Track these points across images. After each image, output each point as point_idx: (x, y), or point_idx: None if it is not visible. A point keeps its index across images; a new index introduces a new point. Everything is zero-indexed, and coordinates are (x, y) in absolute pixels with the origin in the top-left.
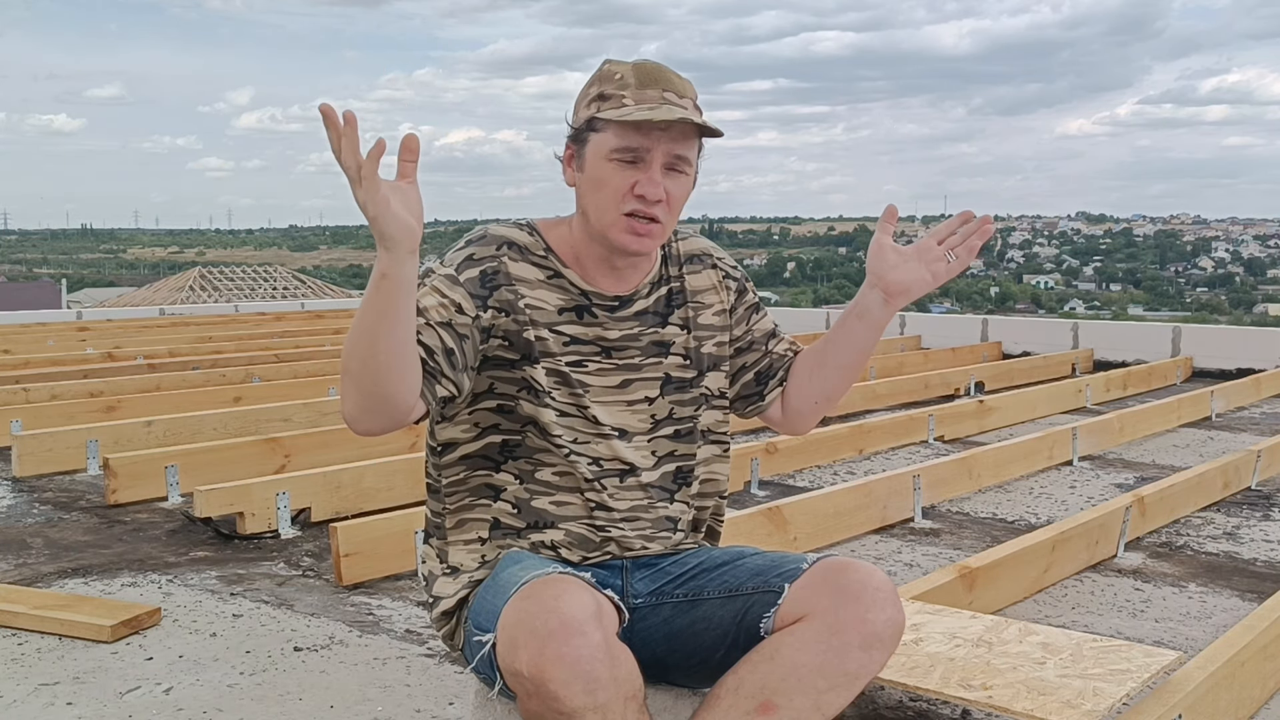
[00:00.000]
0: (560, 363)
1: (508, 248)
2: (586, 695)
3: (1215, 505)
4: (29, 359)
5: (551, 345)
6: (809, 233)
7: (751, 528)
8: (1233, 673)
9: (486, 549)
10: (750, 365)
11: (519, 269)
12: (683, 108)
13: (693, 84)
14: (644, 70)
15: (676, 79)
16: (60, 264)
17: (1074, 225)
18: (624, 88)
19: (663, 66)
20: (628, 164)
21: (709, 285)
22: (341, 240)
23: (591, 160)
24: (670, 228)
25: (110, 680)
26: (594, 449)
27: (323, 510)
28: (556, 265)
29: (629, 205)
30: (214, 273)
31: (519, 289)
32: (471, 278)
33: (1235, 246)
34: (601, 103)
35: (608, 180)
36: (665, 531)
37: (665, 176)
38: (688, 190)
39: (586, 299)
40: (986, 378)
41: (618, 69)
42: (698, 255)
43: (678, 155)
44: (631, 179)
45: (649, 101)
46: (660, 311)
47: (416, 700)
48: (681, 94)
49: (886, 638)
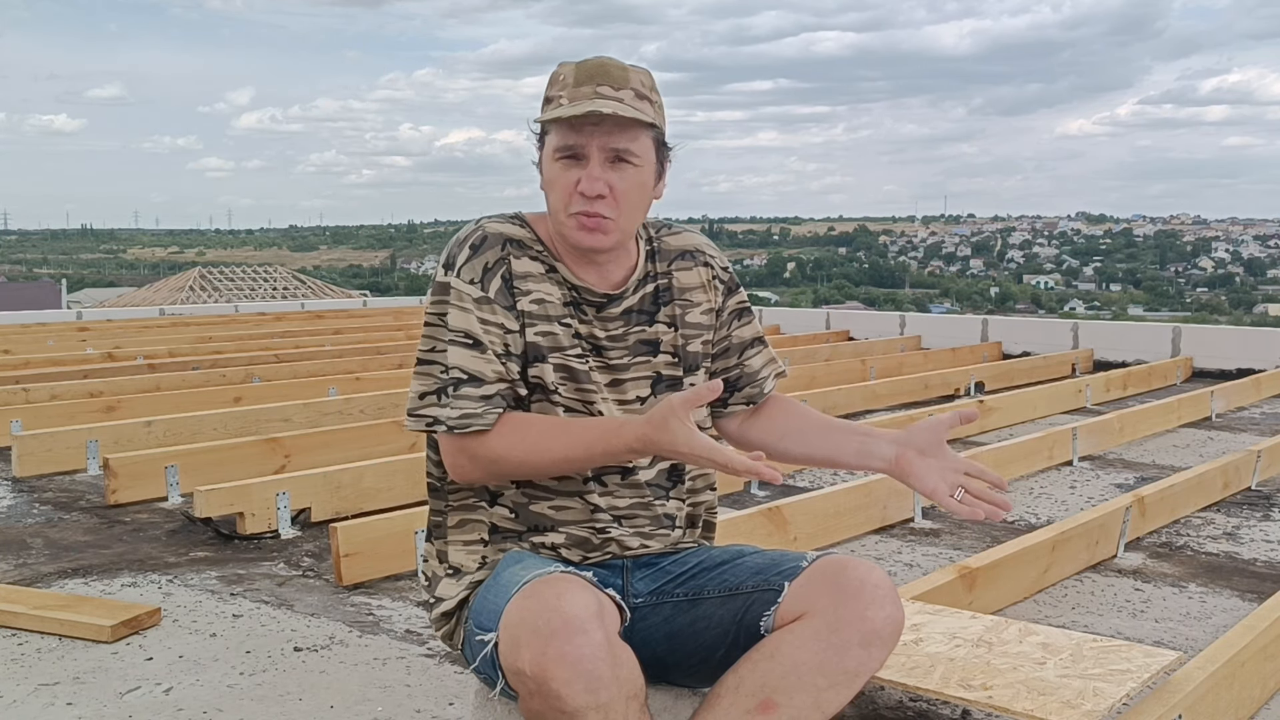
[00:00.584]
0: (569, 356)
1: (511, 245)
2: (589, 694)
3: (1215, 505)
4: (29, 359)
5: (561, 339)
6: (809, 233)
7: (751, 528)
8: (1233, 673)
9: (488, 550)
10: (719, 372)
11: (522, 265)
12: (617, 100)
13: (649, 73)
14: (584, 68)
15: (618, 71)
16: (60, 264)
17: (1074, 225)
18: (563, 88)
19: (608, 61)
20: (571, 161)
21: (698, 283)
22: (341, 240)
23: (545, 162)
24: (627, 220)
25: (110, 680)
26: None
27: (323, 510)
28: (551, 259)
29: (575, 204)
30: (214, 273)
31: (524, 285)
32: (499, 289)
33: (1235, 246)
34: (546, 105)
35: (556, 180)
36: (664, 529)
37: (610, 170)
38: (639, 181)
39: (577, 294)
40: (986, 378)
41: (564, 70)
42: (689, 251)
43: (615, 148)
44: (575, 177)
45: (581, 99)
46: (647, 309)
47: (416, 700)
48: (620, 86)
49: (886, 635)
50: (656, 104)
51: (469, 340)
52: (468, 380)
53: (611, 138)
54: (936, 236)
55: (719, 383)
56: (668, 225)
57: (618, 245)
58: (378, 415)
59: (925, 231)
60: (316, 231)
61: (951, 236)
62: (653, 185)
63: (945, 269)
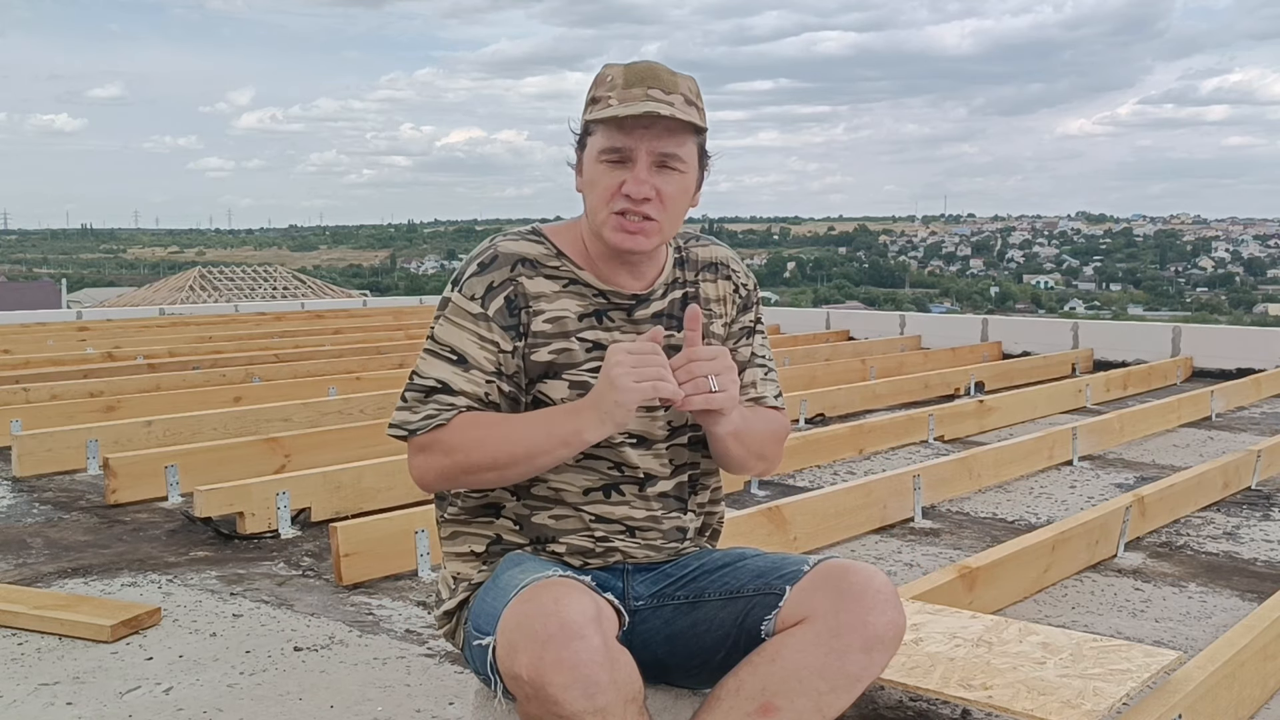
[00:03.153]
0: (583, 371)
1: (522, 265)
2: (586, 699)
3: (1215, 505)
4: (29, 359)
5: (577, 354)
6: (809, 233)
7: (751, 527)
8: (1233, 673)
9: (490, 553)
10: None
11: (535, 285)
12: (668, 104)
13: (695, 80)
14: (634, 70)
15: (667, 76)
16: (60, 264)
17: (1074, 225)
18: (612, 89)
19: (656, 65)
20: (616, 164)
21: (720, 296)
22: (341, 240)
23: (587, 163)
24: (669, 225)
25: (110, 680)
26: (611, 456)
27: (323, 510)
28: (571, 270)
29: (618, 204)
30: (214, 273)
31: (538, 305)
32: (500, 308)
33: (1235, 246)
34: (593, 106)
35: (598, 180)
36: (674, 542)
37: (655, 174)
38: (684, 187)
39: (605, 299)
40: (986, 378)
41: (611, 71)
42: (716, 263)
43: (664, 152)
44: (620, 178)
45: (632, 100)
46: (677, 315)
47: (416, 700)
48: (670, 90)
49: (888, 640)
50: (702, 110)
51: (453, 355)
52: (441, 389)
53: (660, 142)
54: (936, 236)
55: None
56: (695, 237)
57: (655, 249)
58: (378, 415)
59: (925, 231)
60: (316, 231)
61: (951, 236)
62: (693, 192)
63: (945, 269)
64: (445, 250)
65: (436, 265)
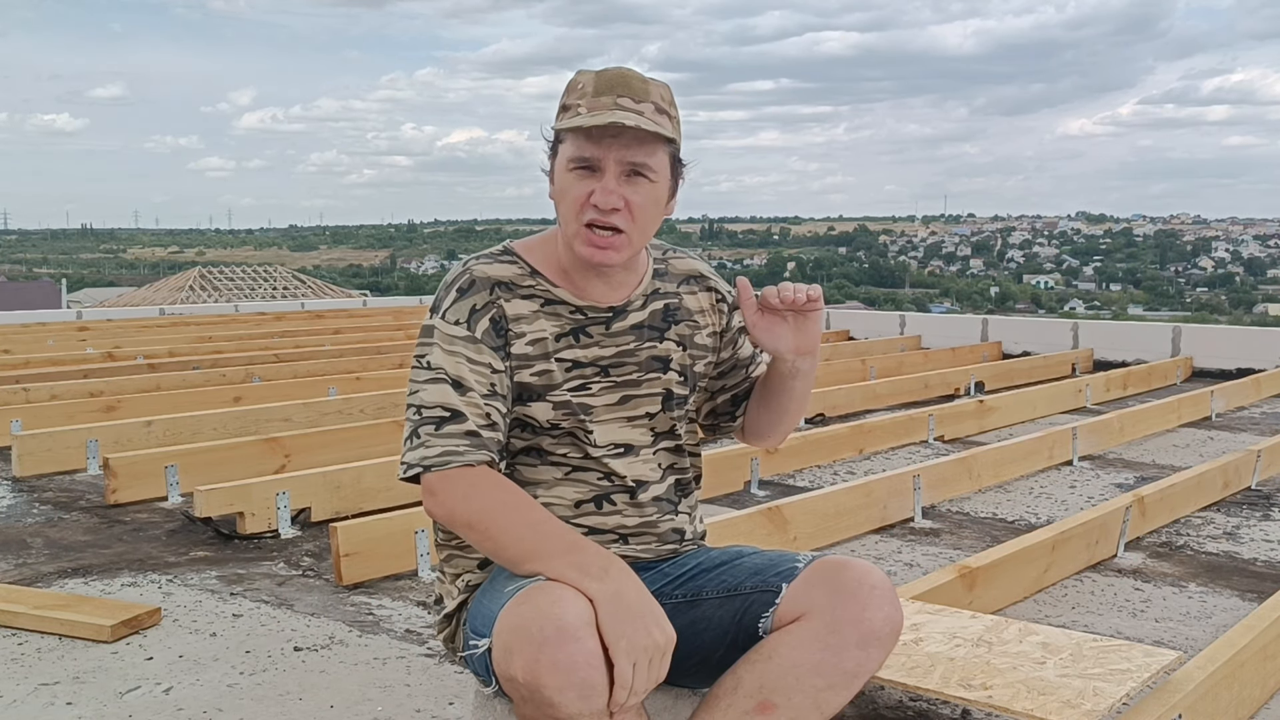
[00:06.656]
0: (564, 392)
1: (499, 289)
2: (582, 701)
3: (1215, 505)
4: (29, 359)
5: (556, 375)
6: (809, 233)
7: (751, 527)
8: (1233, 673)
9: (487, 558)
10: (730, 388)
11: (513, 307)
12: (637, 113)
13: (669, 87)
14: (604, 77)
15: (638, 83)
16: (60, 264)
17: (1074, 225)
18: (582, 97)
19: (628, 72)
20: (585, 173)
21: (703, 308)
22: (341, 240)
23: (558, 171)
24: (639, 236)
25: (110, 680)
26: (599, 467)
27: (323, 510)
28: (546, 288)
29: (587, 215)
30: (214, 273)
31: (518, 327)
32: (487, 330)
33: (1235, 246)
34: (564, 114)
35: (568, 190)
36: (671, 544)
37: (624, 184)
38: (654, 197)
39: (582, 315)
40: (986, 378)
41: (582, 78)
42: (694, 276)
43: (633, 162)
44: (589, 188)
45: (601, 109)
46: (657, 326)
47: (416, 700)
48: (641, 98)
49: (884, 636)
50: (675, 119)
51: (451, 380)
52: (450, 418)
53: (629, 151)
54: (936, 236)
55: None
56: (671, 249)
57: (625, 262)
58: (377, 415)
59: (925, 231)
60: (316, 231)
61: (951, 236)
62: (665, 201)
63: (945, 269)
64: (445, 250)
65: (436, 265)
